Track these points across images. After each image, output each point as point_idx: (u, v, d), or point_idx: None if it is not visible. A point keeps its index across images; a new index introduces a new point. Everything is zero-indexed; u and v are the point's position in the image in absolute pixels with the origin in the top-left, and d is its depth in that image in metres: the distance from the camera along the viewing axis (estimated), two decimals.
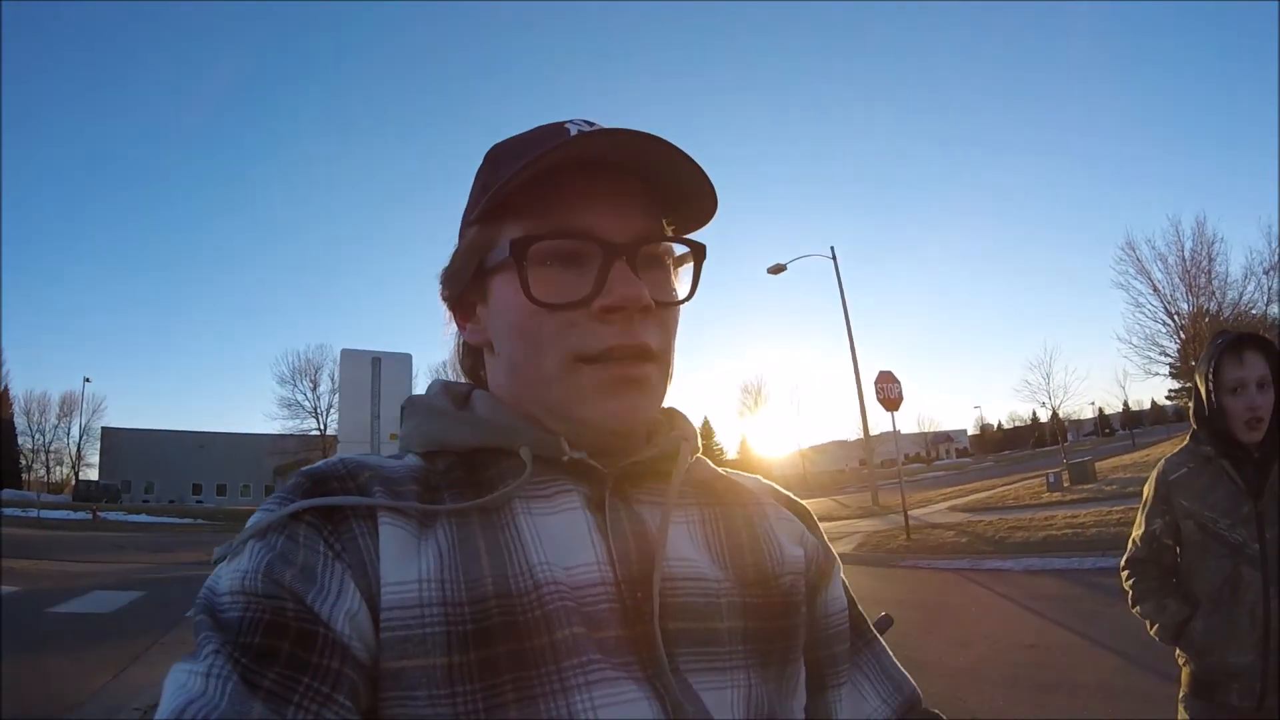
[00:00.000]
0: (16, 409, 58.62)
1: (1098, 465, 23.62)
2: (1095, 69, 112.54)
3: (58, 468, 62.61)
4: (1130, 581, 2.50)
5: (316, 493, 0.67)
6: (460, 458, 0.75)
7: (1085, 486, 20.91)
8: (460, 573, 0.64)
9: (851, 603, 0.89)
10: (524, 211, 0.73)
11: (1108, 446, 51.03)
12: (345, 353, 7.57)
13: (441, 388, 0.84)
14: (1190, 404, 2.44)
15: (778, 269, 25.70)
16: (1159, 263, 30.03)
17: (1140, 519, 2.51)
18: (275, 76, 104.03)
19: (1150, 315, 30.30)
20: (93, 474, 60.34)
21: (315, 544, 0.63)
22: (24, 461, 58.80)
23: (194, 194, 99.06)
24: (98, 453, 62.05)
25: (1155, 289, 30.06)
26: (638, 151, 0.70)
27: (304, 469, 0.71)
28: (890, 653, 0.91)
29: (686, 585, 0.71)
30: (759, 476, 0.93)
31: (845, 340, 26.79)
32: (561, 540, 0.69)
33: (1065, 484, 22.06)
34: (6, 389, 57.94)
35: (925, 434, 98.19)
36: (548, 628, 0.63)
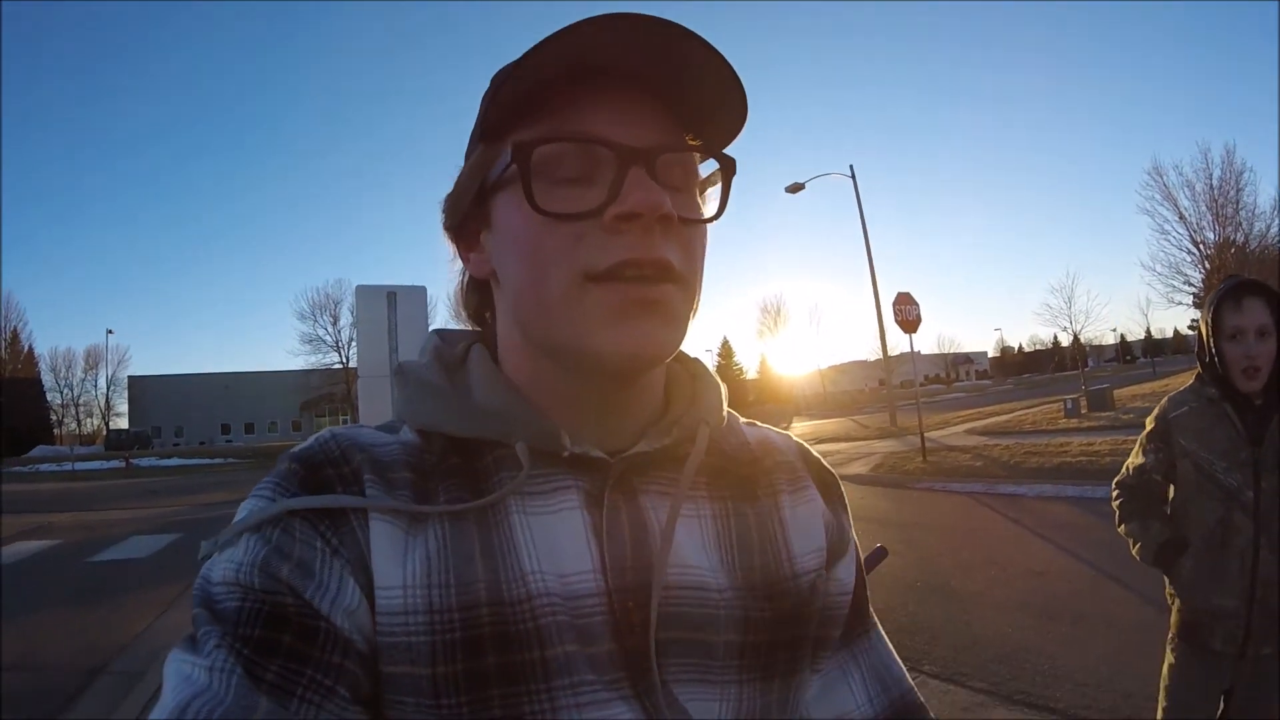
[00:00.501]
0: (43, 366, 60.49)
1: (1116, 393, 23.50)
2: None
3: (88, 420, 64.55)
4: (1118, 502, 2.55)
5: (310, 480, 0.64)
6: (455, 440, 0.69)
7: (1103, 414, 20.85)
8: (451, 575, 0.61)
9: (859, 585, 0.84)
10: (531, 121, 0.65)
11: (1129, 374, 50.65)
12: (360, 289, 7.60)
13: (433, 352, 0.77)
14: (1196, 345, 2.44)
15: (796, 188, 25.42)
16: (1186, 190, 29.65)
17: (1137, 449, 2.54)
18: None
19: (1175, 243, 30.02)
20: (123, 423, 62.47)
21: (312, 539, 0.61)
22: (54, 417, 60.53)
23: (205, 130, 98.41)
24: (126, 402, 63.81)
25: (1181, 216, 29.77)
26: (655, 51, 0.61)
27: (294, 453, 0.67)
28: (890, 647, 0.85)
29: (684, 594, 0.67)
30: (789, 434, 0.88)
31: (865, 261, 26.54)
32: (556, 545, 0.65)
33: (1083, 410, 21.96)
34: (30, 348, 59.26)
35: (945, 355, 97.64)
36: (540, 643, 0.61)
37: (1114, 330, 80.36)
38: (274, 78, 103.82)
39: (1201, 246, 29.25)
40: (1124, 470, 2.58)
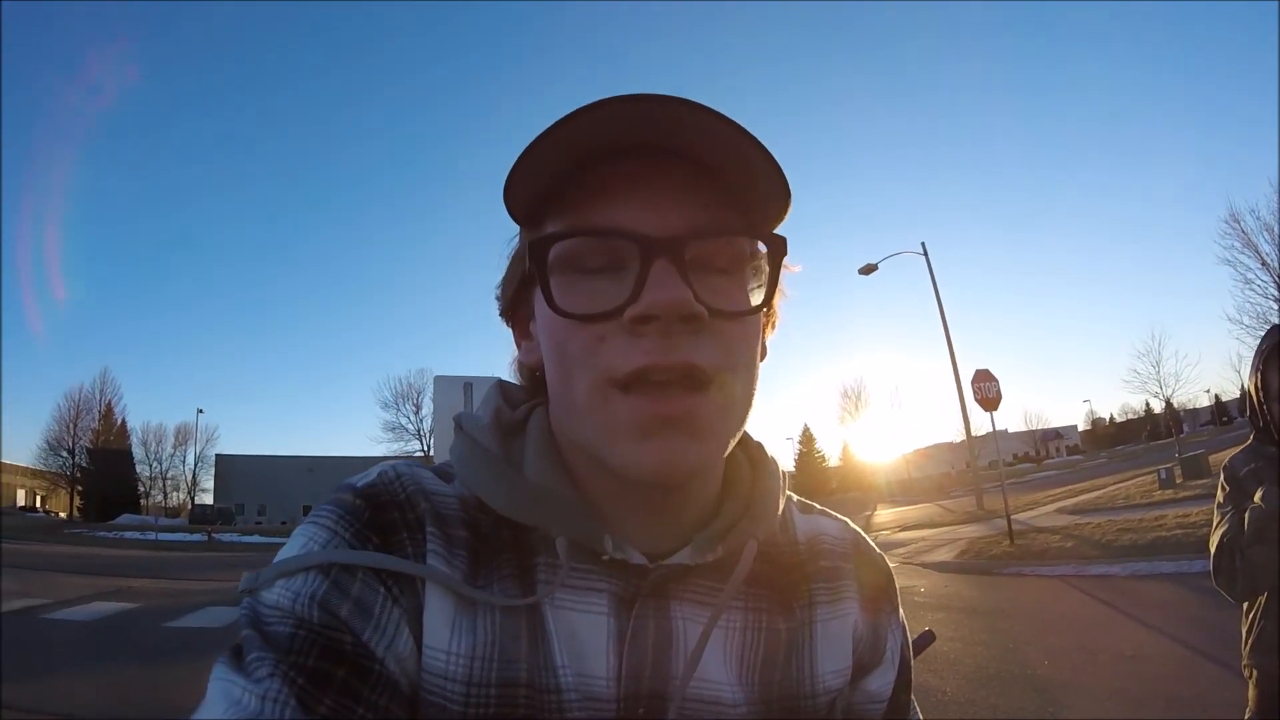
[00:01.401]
0: (134, 440, 63.46)
1: (1212, 458, 22.43)
2: (1192, 36, 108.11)
3: (174, 493, 66.72)
4: (1221, 562, 2.16)
5: (376, 521, 0.64)
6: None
7: (1199, 482, 19.82)
8: (495, 650, 0.62)
9: (900, 689, 0.82)
10: (557, 208, 0.63)
11: (1225, 436, 48.26)
12: (438, 379, 7.87)
13: (494, 414, 0.74)
14: (1248, 407, 2.32)
15: (869, 269, 25.22)
16: (1265, 234, 28.59)
17: (1217, 518, 2.26)
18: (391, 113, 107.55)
19: (1260, 291, 28.84)
20: (208, 499, 63.73)
21: (374, 583, 0.61)
22: (142, 488, 62.97)
23: (305, 220, 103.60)
24: (212, 478, 65.55)
25: (1264, 263, 28.66)
26: (682, 130, 0.58)
27: (360, 488, 0.67)
28: None
29: (698, 708, 0.66)
30: (847, 521, 0.85)
31: (943, 339, 26.06)
32: (581, 645, 0.65)
33: (1177, 480, 21.02)
34: (123, 421, 62.66)
35: (1033, 432, 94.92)
36: None
37: (1207, 391, 77.38)
38: (372, 171, 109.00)
39: None
40: (1214, 541, 2.22)
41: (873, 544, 0.86)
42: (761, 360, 0.70)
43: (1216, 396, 77.60)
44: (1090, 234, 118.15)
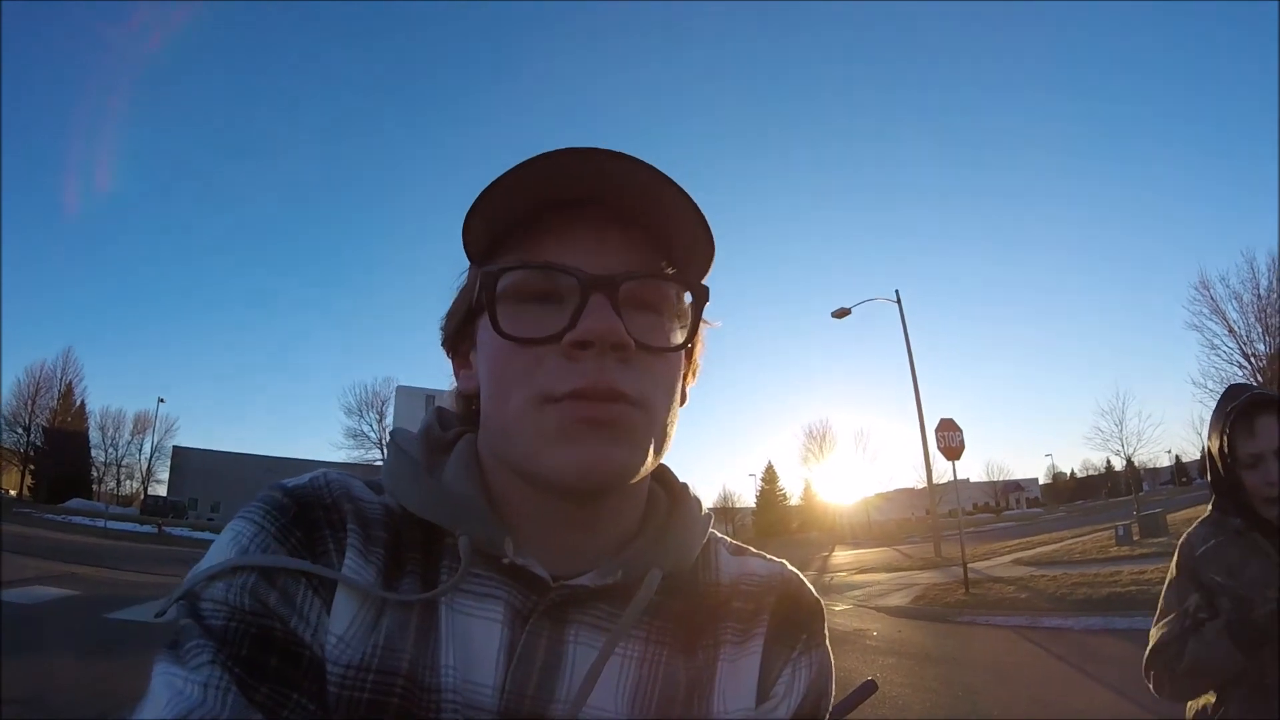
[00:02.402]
0: (92, 423, 61.61)
1: (1170, 517, 22.60)
2: (1167, 107, 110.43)
3: (128, 482, 65.03)
4: (1155, 668, 2.02)
5: (301, 519, 0.68)
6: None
7: (1156, 540, 20.02)
8: (383, 638, 0.65)
9: None
10: (509, 245, 0.69)
11: (1185, 496, 48.90)
12: (401, 389, 7.79)
13: (425, 430, 0.80)
14: (1209, 473, 2.11)
15: (842, 313, 25.29)
16: (1234, 301, 29.18)
17: (1162, 606, 2.08)
18: (371, 111, 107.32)
19: (1225, 358, 29.38)
20: (161, 490, 62.10)
21: (297, 576, 0.65)
22: (96, 473, 61.32)
23: (273, 226, 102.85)
24: (168, 470, 63.74)
25: (1231, 330, 29.26)
26: (624, 184, 0.65)
27: (290, 486, 0.71)
28: None
29: None
30: (783, 563, 0.85)
31: (910, 385, 26.07)
32: (473, 650, 0.66)
33: (1135, 537, 21.22)
34: (83, 404, 60.86)
35: (994, 483, 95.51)
36: None
37: (1169, 452, 78.36)
38: (349, 174, 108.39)
39: (1253, 359, 28.59)
40: (1152, 637, 2.06)
41: (807, 584, 0.85)
42: (682, 405, 0.77)
43: (1177, 457, 78.50)
44: (1062, 292, 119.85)
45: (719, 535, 0.85)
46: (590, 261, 0.67)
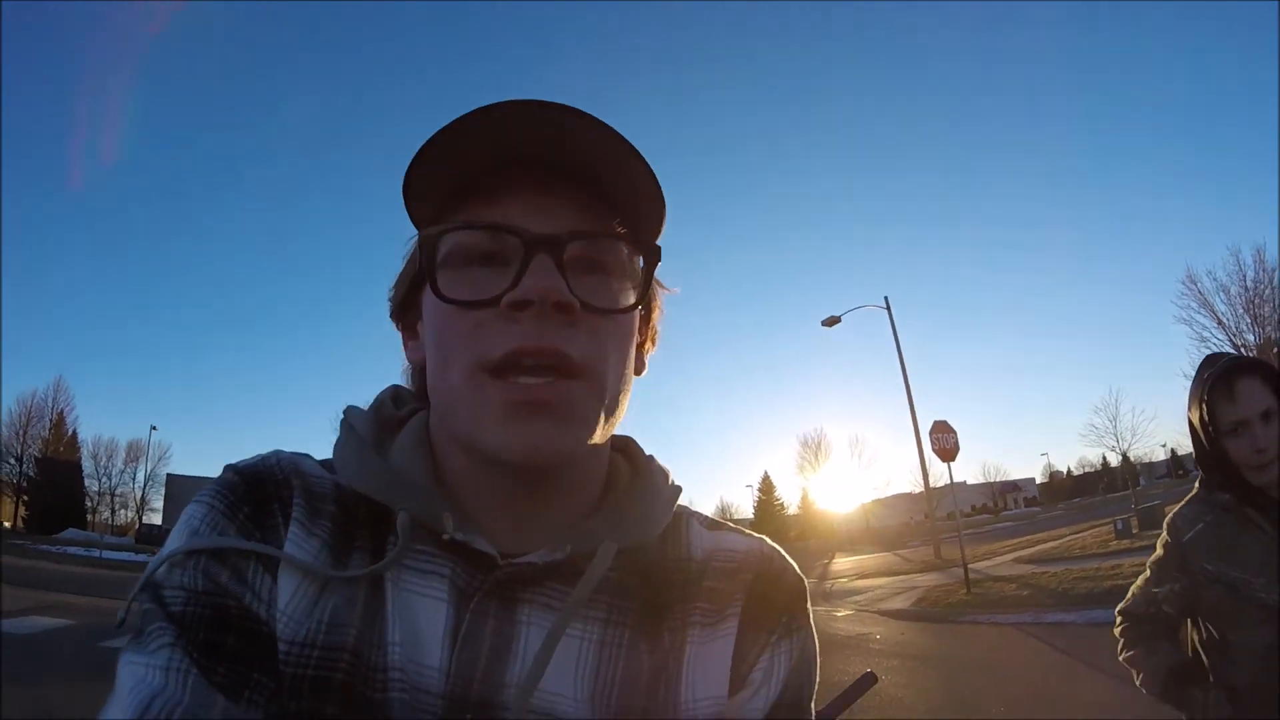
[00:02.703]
0: (84, 453, 60.60)
1: (1168, 509, 22.52)
2: (1154, 107, 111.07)
3: (122, 511, 63.79)
4: (1121, 627, 2.13)
5: (249, 496, 0.68)
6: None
7: (1155, 532, 19.02)
8: (328, 614, 0.63)
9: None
10: (453, 209, 0.67)
11: (1182, 488, 48.71)
12: None
13: (376, 407, 0.78)
14: (1193, 446, 2.03)
15: (832, 321, 25.31)
16: (1222, 294, 29.46)
17: (1146, 574, 2.10)
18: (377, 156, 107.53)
19: (1216, 349, 29.41)
20: (156, 519, 60.99)
21: (246, 554, 0.65)
22: (90, 503, 60.50)
23: (261, 249, 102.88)
24: (162, 499, 62.54)
25: (1220, 322, 29.48)
26: (568, 138, 0.62)
27: (240, 466, 0.71)
28: None
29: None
30: (763, 538, 0.80)
31: (903, 390, 26.05)
32: (418, 629, 0.64)
33: (1134, 530, 21.30)
34: (74, 433, 60.10)
35: (992, 484, 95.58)
36: (384, 713, 0.60)
37: (1164, 445, 78.12)
38: (343, 181, 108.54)
39: (1243, 350, 28.70)
40: (1129, 596, 2.14)
41: (789, 560, 0.79)
42: (640, 374, 0.76)
43: (1173, 450, 78.74)
44: (1050, 290, 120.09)
45: (692, 510, 0.81)
46: (536, 221, 0.64)
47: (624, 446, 0.81)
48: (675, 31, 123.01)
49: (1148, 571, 2.10)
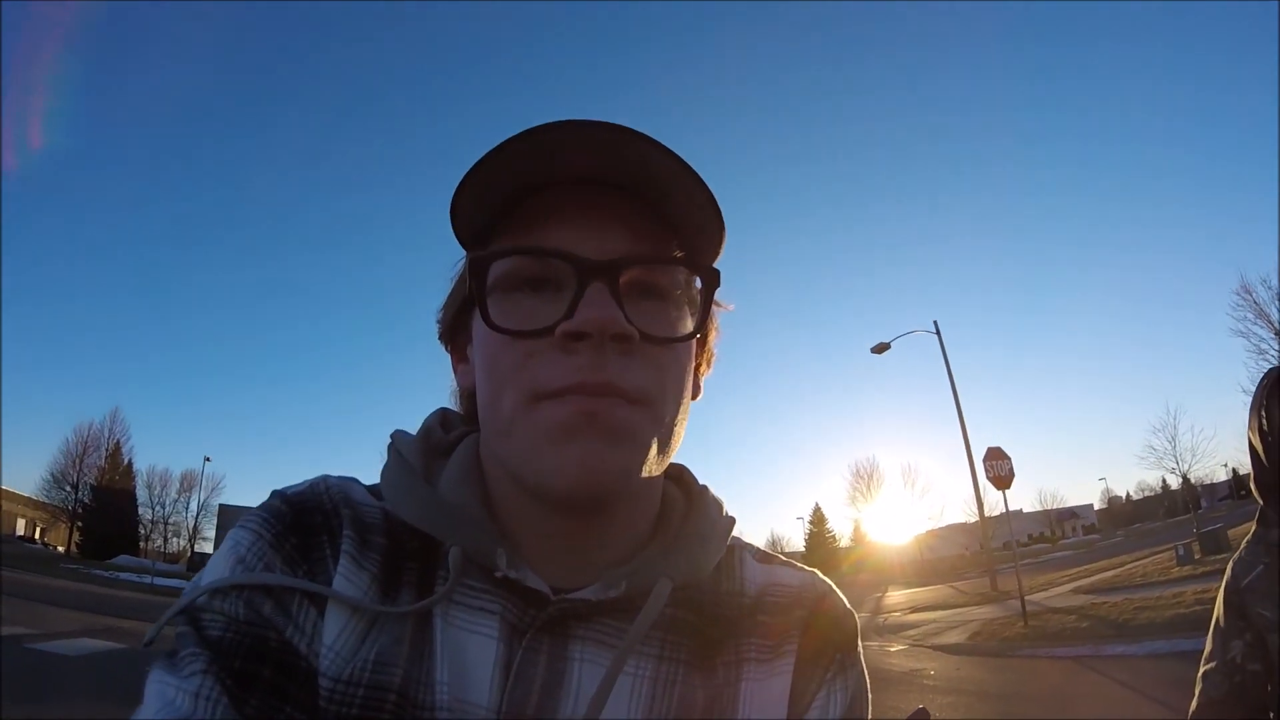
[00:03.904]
0: (139, 481, 62.53)
1: (1231, 533, 21.99)
2: (1196, 110, 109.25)
3: (174, 539, 65.54)
4: None
5: (297, 525, 0.66)
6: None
7: (1218, 557, 19.40)
8: (374, 652, 0.61)
9: None
10: (502, 232, 0.64)
11: (1244, 509, 47.21)
12: None
13: (424, 432, 0.75)
14: (1252, 471, 1.75)
15: (882, 348, 25.12)
16: (1278, 303, 28.48)
17: (1209, 649, 1.72)
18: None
19: (1274, 361, 28.60)
20: (208, 547, 62.37)
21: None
22: (143, 530, 62.24)
23: (310, 279, 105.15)
24: (214, 528, 63.51)
25: (1277, 332, 28.46)
26: (624, 158, 0.60)
27: (289, 493, 0.69)
28: None
29: None
30: (814, 571, 0.79)
31: (955, 417, 25.60)
32: (466, 667, 0.61)
33: (1196, 555, 20.85)
34: (130, 463, 61.92)
35: (1048, 511, 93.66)
36: None
37: (1225, 465, 75.53)
38: (395, 209, 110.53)
39: None
40: (1198, 686, 1.71)
41: (839, 595, 0.77)
42: (695, 398, 0.72)
43: (1234, 470, 75.96)
44: (1102, 310, 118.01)
45: (744, 542, 0.79)
46: (589, 245, 0.61)
47: (678, 475, 0.79)
48: (724, 47, 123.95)
49: (1208, 646, 1.74)
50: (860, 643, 0.76)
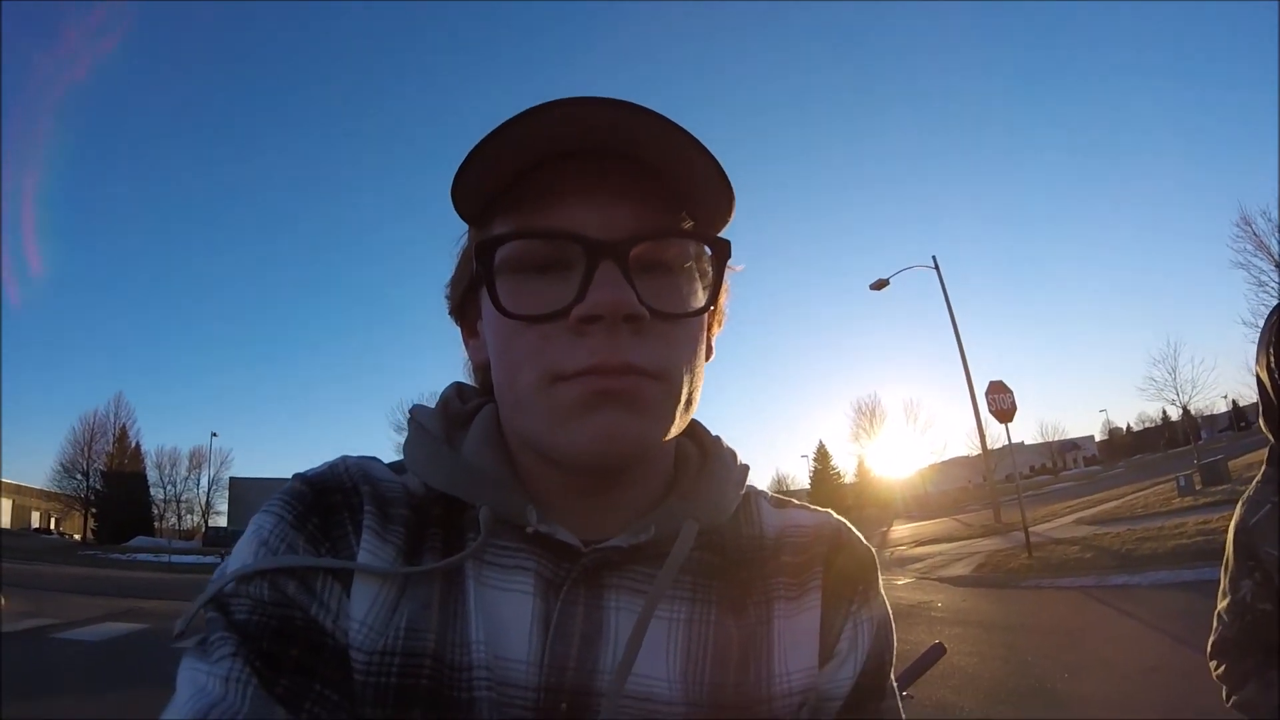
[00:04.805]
0: (148, 463, 63.09)
1: (1231, 464, 22.14)
2: (1198, 41, 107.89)
3: (188, 516, 66.19)
4: (1220, 670, 1.71)
5: (318, 505, 0.67)
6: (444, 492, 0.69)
7: (1219, 488, 19.59)
8: (404, 620, 0.62)
9: (862, 689, 0.73)
10: (506, 209, 0.64)
11: (1245, 441, 47.13)
12: None
13: (443, 403, 0.76)
14: (1260, 406, 1.71)
15: (880, 284, 25.01)
16: (1278, 235, 28.37)
17: (1224, 586, 1.73)
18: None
19: (1274, 294, 28.41)
20: (221, 521, 63.35)
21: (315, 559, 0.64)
22: (156, 511, 62.84)
23: (312, 255, 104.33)
24: (226, 502, 65.04)
25: (1278, 264, 28.34)
26: (629, 132, 0.59)
27: (307, 476, 0.70)
28: None
29: (627, 705, 0.62)
30: (829, 511, 0.81)
31: (956, 352, 25.74)
32: (500, 625, 0.63)
33: (1197, 486, 20.90)
34: (138, 445, 62.64)
35: (1050, 444, 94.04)
36: (470, 714, 0.60)
37: (1225, 397, 76.02)
38: (393, 184, 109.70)
39: None
40: (1216, 623, 1.74)
41: (857, 534, 0.80)
42: (708, 360, 0.72)
43: (1234, 402, 76.58)
44: (1102, 242, 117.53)
45: (758, 488, 0.81)
46: (596, 223, 0.61)
47: (690, 429, 0.79)
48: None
49: (1223, 582, 1.75)
50: (880, 575, 0.79)
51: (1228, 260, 30.27)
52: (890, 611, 0.79)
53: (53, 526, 58.32)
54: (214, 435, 64.41)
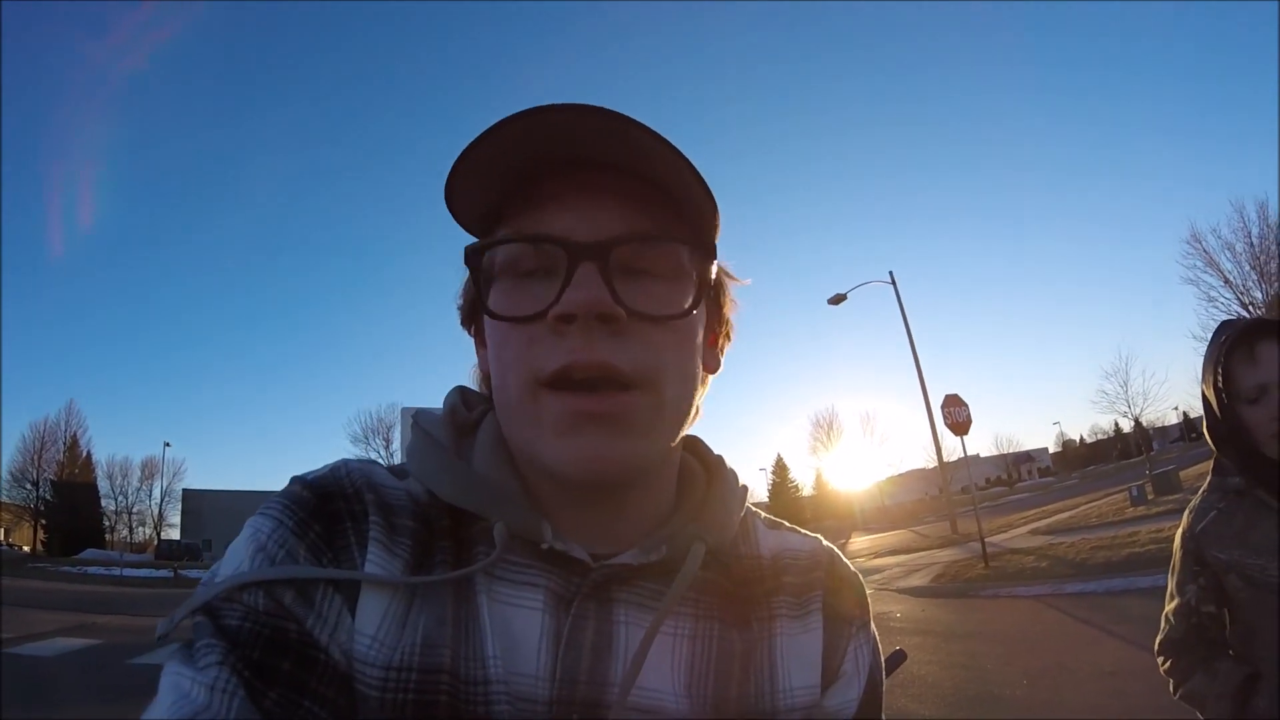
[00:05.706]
0: (99, 473, 61.04)
1: (1183, 473, 22.79)
2: (1152, 63, 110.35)
3: (140, 528, 64.02)
4: (1167, 665, 1.85)
5: (320, 511, 0.65)
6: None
7: (1170, 497, 20.03)
8: (419, 635, 0.61)
9: (866, 707, 0.76)
10: (502, 217, 0.67)
11: (1196, 451, 48.30)
12: (405, 411, 7.83)
13: (449, 411, 0.76)
14: (1204, 420, 1.85)
15: (838, 299, 25.05)
16: (1227, 252, 29.15)
17: (1170, 589, 1.88)
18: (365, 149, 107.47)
19: (1223, 309, 29.30)
20: (175, 534, 61.34)
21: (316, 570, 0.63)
22: (107, 523, 60.77)
23: (267, 255, 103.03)
24: (179, 514, 63.06)
25: (1226, 280, 29.17)
26: (614, 140, 0.61)
27: (310, 478, 0.68)
28: None
29: (634, 718, 0.63)
30: (819, 537, 0.83)
31: (912, 365, 25.77)
32: (514, 640, 0.63)
33: (1149, 496, 21.34)
34: (89, 454, 60.65)
35: (1005, 455, 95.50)
36: None
37: (1176, 409, 77.42)
38: (342, 195, 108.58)
39: (1251, 308, 28.39)
40: (1164, 624, 1.88)
41: (846, 561, 0.83)
42: (715, 373, 0.75)
43: (1185, 414, 78.10)
44: (1054, 258, 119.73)
45: (754, 509, 0.83)
46: (583, 228, 0.63)
47: (692, 446, 0.82)
48: (678, 11, 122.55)
49: (1170, 584, 1.89)
50: (870, 601, 0.82)
51: (1178, 276, 31.08)
52: (877, 635, 0.82)
53: (1, 537, 56.65)
54: (167, 445, 62.99)
